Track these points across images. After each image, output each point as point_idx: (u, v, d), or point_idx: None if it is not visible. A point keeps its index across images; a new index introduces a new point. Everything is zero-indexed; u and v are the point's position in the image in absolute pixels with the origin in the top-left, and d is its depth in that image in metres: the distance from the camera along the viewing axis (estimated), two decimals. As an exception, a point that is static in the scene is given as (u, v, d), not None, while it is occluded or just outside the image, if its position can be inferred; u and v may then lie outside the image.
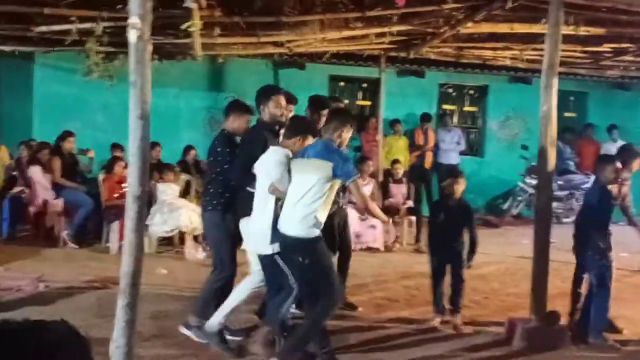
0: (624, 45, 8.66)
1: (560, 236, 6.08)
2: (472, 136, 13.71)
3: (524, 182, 12.12)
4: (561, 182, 11.96)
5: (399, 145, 11.52)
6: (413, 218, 9.78)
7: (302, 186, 4.54)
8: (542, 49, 5.86)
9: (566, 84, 11.18)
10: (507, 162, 12.77)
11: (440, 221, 6.06)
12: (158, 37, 7.06)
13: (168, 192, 8.82)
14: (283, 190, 4.64)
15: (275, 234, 4.63)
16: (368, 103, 13.28)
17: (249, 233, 4.87)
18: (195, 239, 8.56)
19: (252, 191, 4.91)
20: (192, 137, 11.20)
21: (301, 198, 4.52)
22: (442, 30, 8.10)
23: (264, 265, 4.82)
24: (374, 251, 9.19)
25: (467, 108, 13.88)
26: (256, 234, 4.75)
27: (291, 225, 4.54)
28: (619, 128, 12.88)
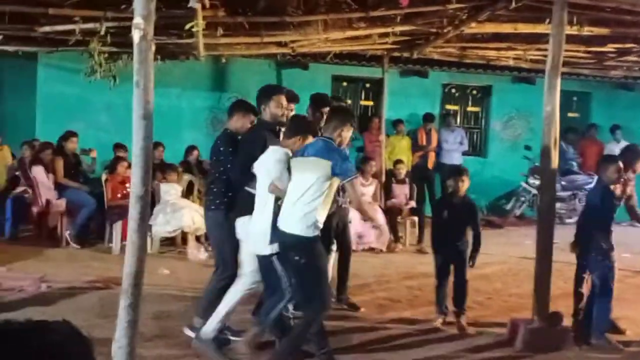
0: (628, 45, 8.64)
1: (563, 237, 6.07)
2: (475, 136, 13.68)
3: (527, 183, 12.09)
4: (564, 183, 11.94)
5: (402, 145, 11.51)
6: (415, 218, 9.76)
7: (302, 185, 4.54)
8: (546, 49, 5.85)
9: (569, 84, 11.18)
10: (510, 163, 12.74)
11: (444, 219, 6.04)
12: (161, 37, 7.06)
13: (171, 193, 8.83)
14: (282, 188, 4.63)
15: (274, 234, 4.61)
16: (371, 103, 13.26)
17: (249, 233, 4.87)
18: (197, 239, 8.56)
19: (250, 191, 4.89)
20: (195, 138, 11.19)
21: (301, 197, 4.51)
22: (446, 30, 8.09)
23: (262, 265, 4.81)
24: (377, 252, 9.18)
25: (470, 108, 13.85)
26: (256, 234, 4.74)
27: (290, 223, 4.53)
28: (623, 128, 12.87)
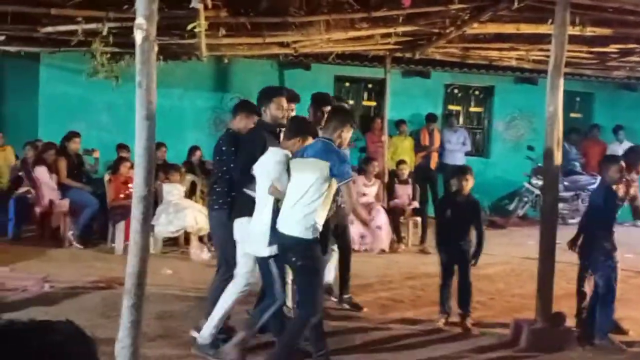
0: (631, 45, 8.63)
1: (565, 237, 6.06)
2: (478, 137, 13.67)
3: (530, 183, 12.07)
4: (567, 183, 11.91)
5: (405, 145, 11.51)
6: (418, 219, 9.75)
7: (301, 186, 4.53)
8: (548, 50, 5.85)
9: (572, 85, 11.16)
10: (513, 163, 12.72)
11: (447, 217, 6.03)
12: (164, 38, 7.06)
13: (174, 193, 8.84)
14: (282, 189, 4.63)
15: (273, 236, 4.61)
16: (373, 104, 13.26)
17: (249, 234, 4.86)
18: (200, 240, 8.57)
19: (248, 192, 4.88)
20: (198, 138, 11.21)
21: (300, 198, 4.50)
22: (448, 30, 8.09)
23: (261, 266, 4.80)
24: (379, 252, 9.17)
25: (473, 109, 13.84)
26: (255, 235, 4.73)
27: (289, 224, 4.52)
28: (625, 129, 12.84)
